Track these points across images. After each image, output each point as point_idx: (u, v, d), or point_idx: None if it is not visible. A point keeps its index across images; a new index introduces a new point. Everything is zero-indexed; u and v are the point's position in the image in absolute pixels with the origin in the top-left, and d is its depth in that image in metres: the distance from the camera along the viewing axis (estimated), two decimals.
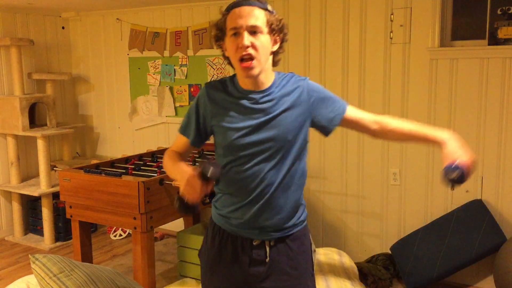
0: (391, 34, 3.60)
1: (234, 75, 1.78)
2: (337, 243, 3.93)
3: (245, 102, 1.72)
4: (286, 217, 1.77)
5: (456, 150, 1.69)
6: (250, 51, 1.64)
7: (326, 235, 4.01)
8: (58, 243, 4.52)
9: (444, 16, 3.50)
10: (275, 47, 1.73)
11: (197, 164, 1.68)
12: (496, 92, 3.32)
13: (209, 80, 4.38)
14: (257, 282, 1.79)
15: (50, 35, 5.01)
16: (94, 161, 3.62)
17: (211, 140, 1.90)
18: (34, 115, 4.78)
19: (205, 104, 1.76)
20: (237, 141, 1.71)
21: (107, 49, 4.98)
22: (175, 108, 4.60)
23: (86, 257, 3.40)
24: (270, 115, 1.70)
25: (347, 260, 3.24)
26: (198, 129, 1.81)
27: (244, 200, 1.74)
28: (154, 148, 4.47)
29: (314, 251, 1.90)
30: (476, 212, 3.35)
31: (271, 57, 1.74)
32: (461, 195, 3.49)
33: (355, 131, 1.93)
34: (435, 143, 1.74)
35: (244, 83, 1.74)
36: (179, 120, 4.54)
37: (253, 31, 1.64)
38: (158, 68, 4.65)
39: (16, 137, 4.56)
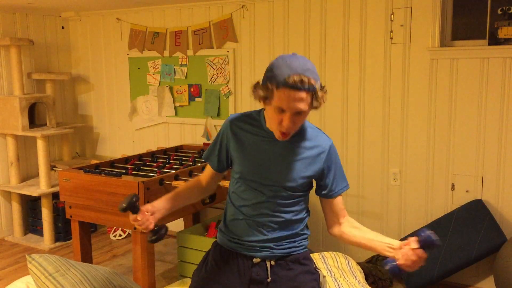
0: (391, 34, 3.60)
1: (261, 111, 1.84)
2: (337, 244, 3.93)
3: (266, 140, 1.81)
4: (282, 238, 1.84)
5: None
6: (290, 130, 1.70)
7: (326, 236, 4.01)
8: (58, 243, 4.51)
9: (444, 16, 3.49)
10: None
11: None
12: (496, 92, 3.32)
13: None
14: None
15: (50, 35, 5.00)
16: (94, 161, 3.62)
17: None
18: (34, 115, 4.77)
19: (228, 136, 1.88)
20: (247, 167, 1.82)
21: (107, 49, 4.98)
22: (175, 108, 4.60)
23: (86, 257, 3.40)
24: (283, 158, 1.79)
25: (353, 264, 3.25)
26: (219, 158, 1.93)
27: (244, 219, 1.83)
28: (154, 148, 4.47)
29: (324, 276, 1.94)
30: (476, 212, 3.35)
31: None
32: (462, 195, 3.49)
33: (354, 131, 1.96)
34: (387, 246, 1.73)
35: (270, 125, 1.79)
36: (179, 120, 4.58)
37: (299, 113, 1.67)
38: (158, 68, 4.64)
39: (15, 137, 4.55)
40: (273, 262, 1.82)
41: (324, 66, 3.87)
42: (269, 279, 1.80)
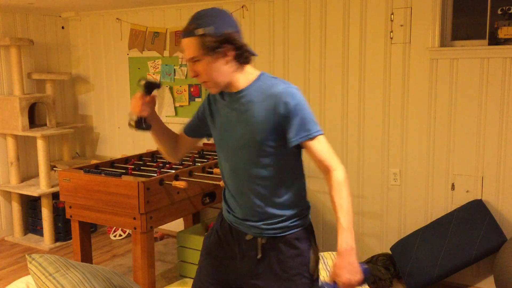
0: (391, 34, 3.60)
1: None
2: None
3: (224, 104, 1.85)
4: (270, 215, 1.79)
5: (344, 266, 1.65)
6: (199, 79, 1.78)
7: (326, 235, 4.00)
8: (58, 243, 4.51)
9: (444, 16, 3.49)
10: (228, 58, 1.72)
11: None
12: (496, 92, 3.32)
13: None
14: (248, 277, 1.86)
15: (50, 35, 5.00)
16: (94, 161, 3.62)
17: (210, 141, 2.01)
18: (34, 115, 4.78)
19: (204, 105, 1.97)
20: (216, 137, 1.90)
21: (107, 49, 4.98)
22: (175, 108, 4.60)
23: (86, 257, 3.40)
24: (240, 115, 1.77)
25: None
26: (195, 121, 2.03)
27: (231, 193, 1.88)
28: (154, 148, 4.46)
29: (318, 258, 1.85)
30: (476, 212, 3.35)
31: (231, 65, 1.73)
32: (462, 195, 3.49)
33: (354, 131, 1.96)
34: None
35: None
36: (179, 120, 4.57)
37: (194, 60, 1.74)
38: (158, 68, 4.64)
39: (15, 137, 4.55)
40: (264, 240, 1.81)
41: (324, 66, 3.87)
42: (259, 256, 1.82)
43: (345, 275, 1.64)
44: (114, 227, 4.67)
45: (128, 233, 4.67)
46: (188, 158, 3.85)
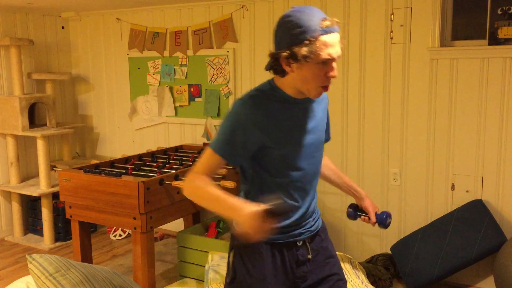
0: (391, 34, 3.60)
1: (269, 84, 1.71)
2: (337, 244, 3.93)
3: (297, 108, 1.73)
4: (314, 210, 1.92)
5: (373, 204, 2.17)
6: (330, 82, 1.66)
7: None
8: (58, 243, 4.51)
9: (444, 16, 3.49)
10: None
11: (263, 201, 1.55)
12: (496, 92, 3.32)
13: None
14: (302, 282, 1.85)
15: (49, 35, 5.00)
16: (94, 161, 3.62)
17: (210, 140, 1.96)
18: (34, 115, 4.78)
19: (253, 119, 1.65)
20: (296, 144, 1.73)
21: (107, 49, 4.98)
22: (175, 108, 4.60)
23: (86, 257, 3.40)
24: (315, 118, 1.80)
25: (356, 264, 3.27)
26: (243, 148, 1.67)
27: (297, 202, 1.81)
28: (154, 148, 4.47)
29: None
30: (476, 212, 3.35)
31: None
32: (462, 195, 3.49)
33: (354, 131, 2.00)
34: (356, 195, 2.21)
35: (294, 92, 1.70)
36: (179, 120, 4.57)
37: (335, 60, 1.63)
38: (158, 68, 4.64)
39: (15, 137, 4.55)
40: (309, 240, 1.86)
41: None
42: (309, 256, 1.84)
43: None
44: (114, 227, 4.67)
45: (128, 233, 4.67)
46: (188, 158, 3.85)
